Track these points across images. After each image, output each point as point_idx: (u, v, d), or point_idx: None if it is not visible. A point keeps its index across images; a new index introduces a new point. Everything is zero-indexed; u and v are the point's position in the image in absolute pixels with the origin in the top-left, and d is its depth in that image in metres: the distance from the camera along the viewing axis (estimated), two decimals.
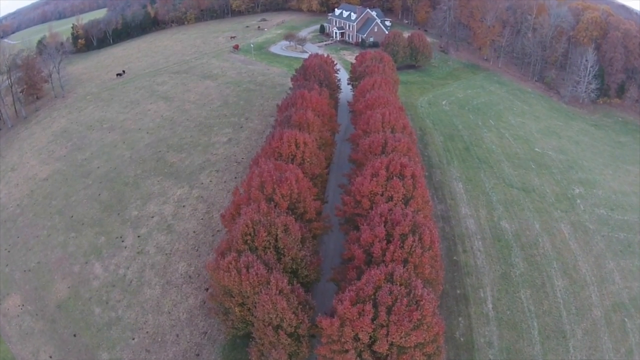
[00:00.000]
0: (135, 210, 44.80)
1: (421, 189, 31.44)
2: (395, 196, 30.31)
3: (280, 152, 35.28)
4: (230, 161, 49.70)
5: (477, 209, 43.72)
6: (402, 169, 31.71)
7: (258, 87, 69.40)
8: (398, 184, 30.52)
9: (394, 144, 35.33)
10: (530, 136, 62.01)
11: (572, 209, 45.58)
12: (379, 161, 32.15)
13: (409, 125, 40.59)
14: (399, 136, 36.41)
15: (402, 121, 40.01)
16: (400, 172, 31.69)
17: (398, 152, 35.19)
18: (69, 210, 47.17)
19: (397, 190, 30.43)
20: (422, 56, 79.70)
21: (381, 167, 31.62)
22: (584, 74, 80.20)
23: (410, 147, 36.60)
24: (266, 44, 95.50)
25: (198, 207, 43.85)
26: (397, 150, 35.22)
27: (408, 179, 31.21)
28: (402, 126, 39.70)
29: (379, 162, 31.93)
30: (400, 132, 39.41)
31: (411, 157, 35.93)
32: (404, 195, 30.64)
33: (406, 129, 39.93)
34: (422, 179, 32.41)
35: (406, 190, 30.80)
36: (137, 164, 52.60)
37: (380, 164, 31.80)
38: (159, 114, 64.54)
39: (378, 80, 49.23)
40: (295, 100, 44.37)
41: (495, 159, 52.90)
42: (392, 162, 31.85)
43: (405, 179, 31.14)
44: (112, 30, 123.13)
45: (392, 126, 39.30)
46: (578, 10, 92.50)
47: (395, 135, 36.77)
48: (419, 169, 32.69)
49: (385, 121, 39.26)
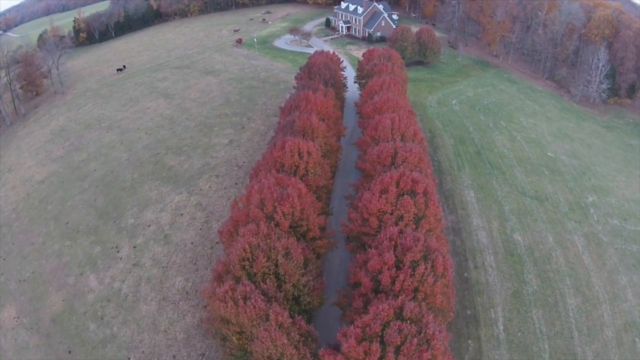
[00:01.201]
0: (131, 217, 42.08)
1: (433, 207, 28.12)
2: (406, 216, 27.06)
3: (282, 163, 31.96)
4: (230, 165, 46.45)
5: (489, 220, 40.57)
6: (414, 185, 28.35)
7: (261, 84, 65.55)
8: (409, 202, 27.22)
9: (405, 155, 31.85)
10: (542, 139, 58.22)
11: (585, 219, 42.72)
12: (388, 176, 28.76)
13: (419, 131, 36.99)
14: (409, 146, 32.88)
15: (413, 127, 36.40)
16: (412, 188, 28.34)
17: (409, 163, 31.78)
18: (65, 216, 44.82)
19: (407, 210, 27.15)
20: (430, 52, 75.12)
21: (391, 183, 28.26)
22: (595, 73, 75.89)
23: (422, 157, 33.12)
24: (270, 37, 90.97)
25: (196, 215, 40.91)
26: (408, 162, 31.79)
27: (420, 196, 27.87)
28: (413, 133, 36.12)
29: (389, 177, 28.55)
30: (411, 139, 35.87)
31: (422, 168, 32.54)
32: (415, 215, 27.39)
33: (417, 136, 36.35)
34: (434, 196, 29.07)
35: (417, 209, 27.51)
36: (134, 167, 49.57)
37: (390, 179, 28.42)
38: (159, 113, 61.11)
39: (387, 80, 45.36)
40: (299, 102, 40.79)
41: (508, 164, 49.30)
42: (402, 178, 28.48)
43: (417, 197, 27.82)
44: (114, 23, 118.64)
45: (402, 133, 35.73)
46: (589, 8, 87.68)
47: (405, 144, 33.25)
48: (431, 185, 29.31)
49: (394, 127, 35.69)
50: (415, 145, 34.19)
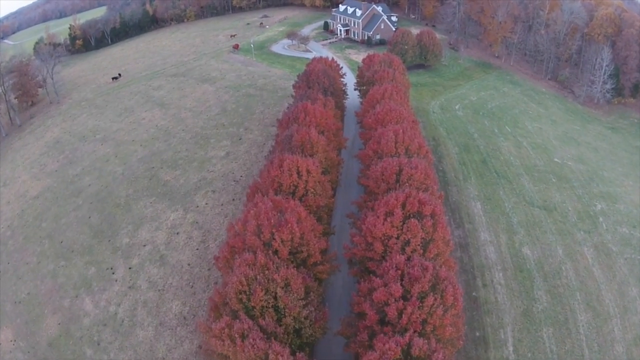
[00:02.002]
0: (126, 237, 40.48)
1: (442, 230, 26.28)
2: (413, 241, 25.23)
3: (280, 182, 30.12)
4: (227, 179, 44.63)
5: (497, 234, 38.78)
6: (421, 207, 26.49)
7: (258, 92, 63.63)
8: (416, 226, 25.37)
9: (410, 172, 29.97)
10: (548, 144, 56.27)
11: (594, 229, 41.19)
12: (393, 197, 26.89)
13: (424, 144, 35.08)
14: (415, 162, 30.99)
15: (418, 140, 34.49)
16: (419, 210, 26.48)
17: (414, 181, 29.90)
18: (59, 235, 43.50)
19: (414, 234, 25.31)
20: (432, 55, 72.92)
21: (396, 205, 26.40)
22: (599, 73, 73.78)
23: (428, 173, 31.23)
24: (267, 42, 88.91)
25: (193, 234, 39.18)
26: (414, 179, 29.91)
27: (427, 219, 26.03)
28: (418, 146, 34.22)
29: (394, 199, 26.68)
30: (416, 153, 33.99)
31: (429, 185, 30.68)
32: (422, 239, 25.54)
33: (422, 149, 34.45)
34: (442, 218, 27.23)
35: (425, 233, 25.67)
36: (129, 182, 47.87)
37: (396, 201, 26.56)
38: (154, 124, 59.30)
39: (388, 88, 43.40)
40: (297, 113, 38.90)
41: (514, 172, 47.39)
42: (409, 199, 26.62)
43: (424, 220, 25.97)
44: (110, 29, 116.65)
45: (407, 146, 33.85)
46: (591, 6, 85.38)
47: (410, 160, 31.36)
48: (439, 206, 27.44)
49: (398, 141, 33.80)
50: (421, 160, 32.30)
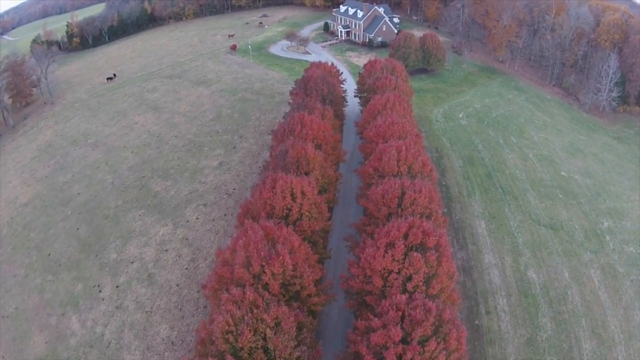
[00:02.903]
0: (114, 252, 38.06)
1: (446, 264, 23.67)
2: (415, 277, 22.62)
3: (273, 205, 27.41)
4: (220, 192, 41.91)
5: (502, 256, 36.26)
6: (425, 238, 23.83)
7: (255, 97, 60.64)
8: (419, 260, 22.74)
9: (413, 196, 27.26)
10: (554, 155, 53.52)
11: (601, 249, 39.02)
12: (395, 227, 24.21)
13: (428, 162, 32.32)
14: (418, 184, 28.26)
15: (421, 158, 31.73)
16: (422, 242, 23.81)
17: (418, 205, 27.21)
18: (47, 246, 41.59)
19: (417, 269, 22.70)
20: (435, 59, 69.69)
21: (398, 236, 23.73)
22: (605, 81, 70.76)
23: (432, 196, 28.53)
24: (266, 43, 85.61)
25: (182, 252, 36.60)
26: (417, 204, 27.21)
27: (431, 252, 23.40)
28: (421, 164, 31.47)
29: (396, 229, 24.01)
30: (419, 171, 31.25)
31: (433, 209, 28.01)
32: (425, 274, 22.92)
33: (426, 167, 31.71)
34: (447, 250, 24.60)
35: (429, 267, 23.06)
36: (118, 191, 45.20)
37: (398, 231, 23.88)
38: (146, 129, 56.44)
39: (391, 98, 40.54)
40: (293, 125, 36.08)
41: (520, 187, 44.70)
42: (412, 229, 23.95)
43: (428, 253, 23.33)
44: (107, 27, 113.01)
45: (410, 165, 31.09)
46: (598, 11, 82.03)
47: (414, 181, 28.62)
48: (444, 236, 24.79)
49: (401, 159, 31.03)
50: (425, 181, 29.57)
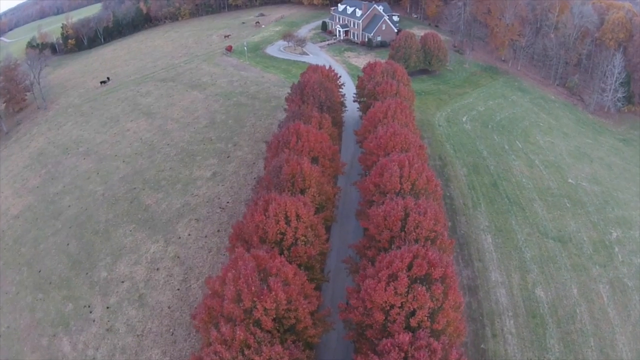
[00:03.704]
0: (104, 270, 35.81)
1: (453, 296, 21.06)
2: (420, 313, 19.98)
3: (265, 230, 24.68)
4: (213, 206, 39.20)
5: (509, 273, 33.75)
6: (430, 270, 21.12)
7: (250, 101, 57.62)
8: (423, 295, 20.11)
9: (417, 219, 24.53)
10: (561, 161, 50.65)
11: (610, 262, 36.71)
12: (398, 258, 21.51)
13: (433, 177, 29.51)
14: (423, 204, 25.50)
15: (426, 173, 28.92)
16: (427, 273, 21.12)
17: (423, 229, 24.47)
18: (37, 263, 39.66)
19: (422, 304, 20.10)
20: (436, 60, 66.36)
21: (401, 268, 21.05)
22: (610, 81, 67.52)
23: (438, 217, 25.81)
24: (262, 44, 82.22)
25: (174, 271, 34.05)
26: (422, 227, 24.49)
27: (437, 284, 20.74)
28: (426, 180, 28.67)
29: (399, 260, 21.31)
30: (424, 188, 28.47)
31: (438, 232, 25.29)
32: (430, 308, 20.28)
33: (430, 183, 28.92)
34: (455, 280, 21.95)
35: (434, 301, 20.41)
36: (109, 204, 42.61)
37: (401, 262, 21.18)
38: (138, 136, 53.58)
39: (392, 105, 37.59)
40: (288, 136, 33.23)
41: (527, 197, 41.93)
42: (416, 260, 21.25)
43: (434, 285, 20.67)
44: (103, 28, 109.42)
45: (413, 182, 28.30)
46: (602, 9, 78.46)
47: (418, 202, 25.86)
48: (451, 266, 22.14)
49: (404, 175, 28.24)
50: (430, 200, 26.79)
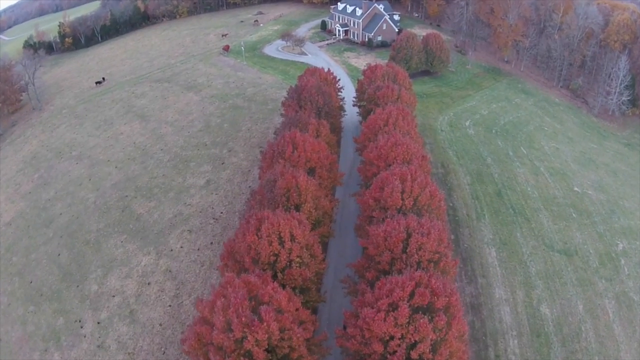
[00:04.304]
0: (95, 283, 34.43)
1: (457, 326, 19.33)
2: (421, 345, 18.27)
3: (258, 251, 22.87)
4: (206, 216, 37.40)
5: (514, 290, 32.12)
6: (433, 299, 19.35)
7: (247, 104, 55.54)
8: (426, 327, 18.41)
9: (420, 240, 22.71)
10: (566, 168, 48.72)
11: (616, 275, 35.16)
12: (399, 286, 19.76)
13: (437, 192, 27.62)
14: (426, 224, 23.67)
15: (429, 188, 27.05)
16: (430, 302, 19.35)
17: (426, 251, 22.67)
18: (29, 273, 38.36)
19: (423, 336, 18.39)
20: (438, 61, 64.13)
21: (403, 297, 19.29)
22: (615, 83, 65.40)
23: (442, 237, 23.99)
24: (260, 43, 79.84)
25: (165, 286, 32.39)
26: (425, 249, 22.67)
27: (440, 314, 18.99)
28: (429, 195, 26.82)
29: (400, 289, 19.54)
30: (427, 204, 26.62)
31: (442, 253, 23.50)
32: (432, 340, 18.56)
33: (434, 199, 27.07)
34: (459, 309, 20.19)
35: (437, 332, 18.69)
36: (100, 213, 40.92)
37: (402, 291, 19.42)
38: (132, 140, 51.65)
39: (393, 112, 35.56)
40: (283, 146, 31.31)
41: (532, 207, 40.11)
42: (418, 289, 19.47)
43: (437, 316, 18.92)
44: (100, 27, 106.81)
45: (416, 197, 26.45)
46: (607, 10, 76.05)
47: (421, 221, 24.03)
48: (455, 295, 20.33)
49: (405, 190, 26.37)
50: (433, 219, 24.95)
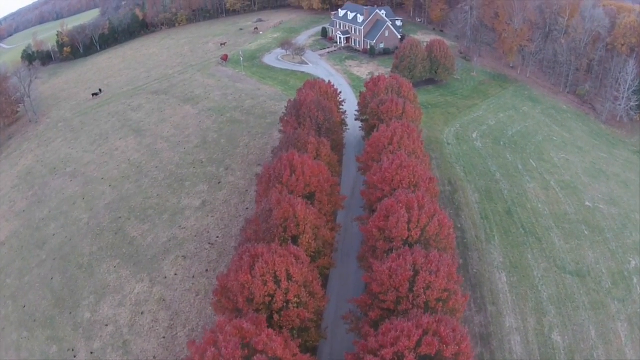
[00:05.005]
0: (87, 311, 33.18)
1: None
2: None
3: (252, 291, 21.05)
4: (201, 241, 35.65)
5: (525, 317, 30.28)
6: (442, 347, 17.45)
7: (245, 117, 53.86)
8: None
9: (429, 279, 20.82)
10: (577, 181, 46.54)
11: (629, 295, 33.45)
12: (405, 334, 17.89)
13: (446, 220, 25.65)
14: (435, 260, 21.75)
15: (438, 217, 25.14)
16: (439, 351, 17.44)
17: (435, 290, 20.78)
18: (22, 297, 37.25)
19: None
20: (443, 69, 61.90)
21: (408, 347, 17.39)
22: (623, 88, 63.11)
23: (451, 273, 22.12)
24: (259, 52, 78.28)
25: (159, 316, 30.72)
26: (433, 288, 20.78)
27: None
28: (438, 225, 24.91)
29: (406, 338, 17.69)
30: (435, 234, 24.70)
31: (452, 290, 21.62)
32: None
33: (443, 229, 25.15)
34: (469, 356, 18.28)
35: None
36: (94, 235, 39.47)
37: (408, 340, 17.57)
38: (126, 157, 50.14)
39: (398, 130, 33.58)
40: (281, 169, 29.53)
41: (544, 225, 38.05)
42: (425, 337, 17.60)
43: None
44: (99, 36, 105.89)
45: (423, 227, 24.53)
46: (614, 13, 73.75)
47: (429, 255, 22.11)
48: (466, 342, 18.41)
49: (412, 220, 24.47)
50: (442, 254, 22.98)
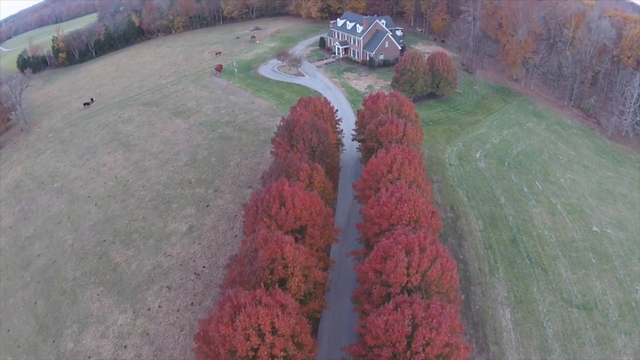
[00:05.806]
0: (70, 340, 31.53)
1: None
2: None
3: (233, 344, 19.12)
4: (187, 271, 33.70)
5: (528, 357, 28.94)
6: None
7: (237, 134, 51.97)
8: None
9: (429, 336, 18.87)
10: (584, 203, 44.72)
11: (635, 327, 31.73)
12: None
13: (449, 262, 23.66)
14: (436, 315, 19.81)
15: (440, 260, 23.16)
16: None
17: (435, 347, 18.85)
18: (6, 320, 35.92)
19: None
20: (445, 83, 59.99)
21: None
22: (629, 102, 61.55)
23: (454, 326, 20.17)
24: (255, 62, 76.58)
25: (142, 351, 28.88)
26: (434, 345, 18.83)
27: None
28: (440, 269, 22.98)
29: None
30: (437, 279, 22.78)
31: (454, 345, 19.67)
32: None
33: (446, 273, 23.20)
34: None
35: None
36: (77, 258, 37.78)
37: None
38: (114, 174, 48.34)
39: (398, 156, 31.60)
40: (269, 201, 27.60)
41: (550, 254, 36.16)
42: None
43: None
44: (94, 42, 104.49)
45: (424, 273, 22.61)
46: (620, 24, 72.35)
47: (431, 307, 20.17)
48: None
49: (412, 264, 22.53)
50: (445, 304, 21.05)
